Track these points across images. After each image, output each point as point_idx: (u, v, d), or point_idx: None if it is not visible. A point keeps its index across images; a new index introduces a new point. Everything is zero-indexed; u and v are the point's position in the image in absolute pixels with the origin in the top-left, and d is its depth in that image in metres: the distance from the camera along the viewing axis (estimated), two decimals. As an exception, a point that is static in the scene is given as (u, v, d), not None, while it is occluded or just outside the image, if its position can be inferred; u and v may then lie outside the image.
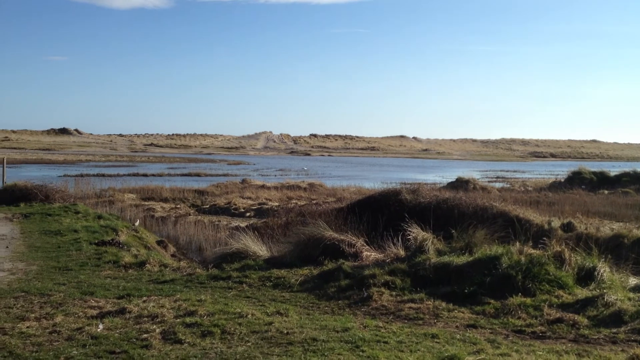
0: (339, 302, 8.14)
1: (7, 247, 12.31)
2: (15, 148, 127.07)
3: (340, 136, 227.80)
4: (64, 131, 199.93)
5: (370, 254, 10.50)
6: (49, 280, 9.05)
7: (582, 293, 8.07)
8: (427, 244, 9.95)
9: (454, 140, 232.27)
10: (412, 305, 7.82)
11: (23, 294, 8.07)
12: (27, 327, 6.45)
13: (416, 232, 10.61)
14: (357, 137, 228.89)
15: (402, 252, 10.33)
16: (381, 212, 15.89)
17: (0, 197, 20.70)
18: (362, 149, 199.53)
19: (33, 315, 6.93)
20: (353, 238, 10.98)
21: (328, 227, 11.46)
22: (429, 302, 7.86)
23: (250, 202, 29.46)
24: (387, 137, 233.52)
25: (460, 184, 34.59)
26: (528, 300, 7.72)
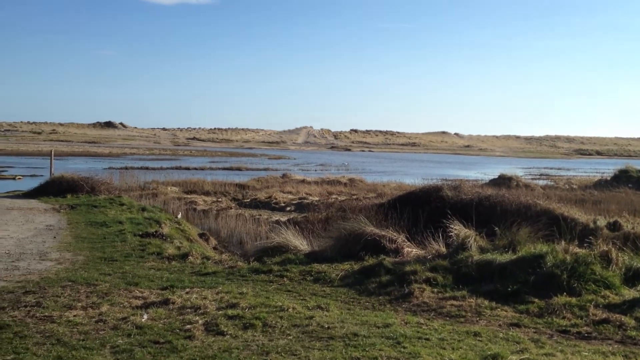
0: (380, 297, 8.12)
1: (55, 237, 12.62)
2: (62, 141, 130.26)
3: (381, 132, 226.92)
4: (109, 125, 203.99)
5: (411, 250, 10.44)
6: (95, 271, 9.24)
7: (629, 294, 7.87)
8: (469, 241, 9.83)
9: (496, 137, 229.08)
10: (454, 302, 7.74)
11: (70, 283, 8.26)
12: (74, 315, 6.60)
13: (458, 229, 10.50)
14: (398, 132, 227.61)
15: (443, 249, 10.23)
16: (422, 208, 15.76)
17: (48, 189, 21.24)
18: (402, 144, 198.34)
19: (80, 304, 7.09)
20: (394, 234, 10.93)
21: (368, 222, 11.43)
22: (471, 300, 7.76)
23: (290, 196, 29.57)
24: (429, 133, 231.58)
25: (502, 181, 34.07)
26: (573, 300, 7.56)
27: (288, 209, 26.62)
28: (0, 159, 58.33)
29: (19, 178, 37.57)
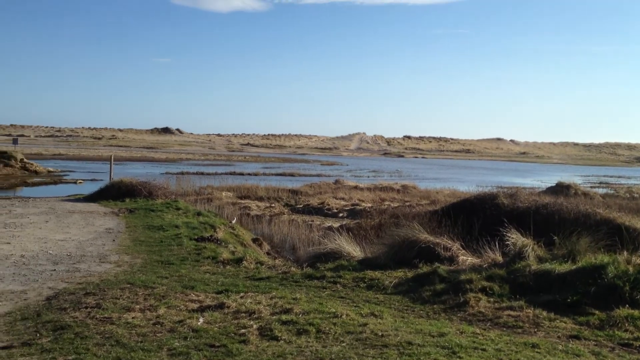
0: (434, 306, 8.01)
1: (114, 240, 12.94)
2: (121, 146, 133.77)
3: (434, 138, 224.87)
4: (166, 130, 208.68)
5: (466, 259, 10.28)
6: (152, 274, 9.43)
7: (696, 308, 7.55)
8: (526, 250, 9.61)
9: (553, 144, 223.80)
10: (511, 312, 7.57)
11: (128, 285, 8.45)
12: (133, 317, 6.74)
13: (515, 238, 10.27)
14: (452, 139, 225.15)
15: (499, 258, 10.04)
16: (476, 216, 15.52)
17: (107, 193, 21.79)
18: (456, 151, 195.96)
19: (138, 306, 7.24)
20: (448, 242, 10.78)
21: (422, 229, 11.31)
22: (529, 311, 7.58)
23: (343, 202, 29.56)
24: (483, 140, 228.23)
25: (560, 189, 33.21)
26: (636, 313, 7.29)
27: (340, 215, 26.62)
28: (62, 164, 60.26)
29: (80, 182, 38.69)
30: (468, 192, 32.01)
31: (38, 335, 6.11)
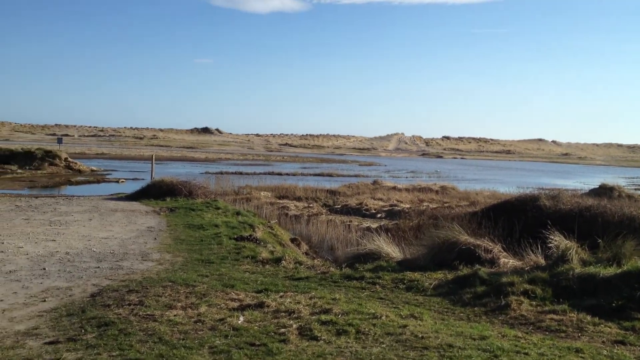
0: (475, 308, 7.92)
1: (155, 238, 13.14)
2: (162, 146, 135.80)
3: (473, 139, 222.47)
4: (206, 130, 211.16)
5: (507, 261, 10.14)
6: (193, 272, 9.54)
7: None
8: (570, 253, 9.43)
9: (597, 145, 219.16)
10: (554, 316, 7.44)
11: (170, 283, 8.57)
12: (175, 315, 6.84)
13: (558, 240, 10.09)
14: (492, 139, 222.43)
15: (541, 261, 9.87)
16: (517, 218, 15.28)
17: (148, 192, 22.13)
18: (496, 152, 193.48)
19: (179, 304, 7.34)
20: (489, 243, 10.65)
21: (463, 231, 11.20)
22: (572, 315, 7.44)
23: (381, 203, 29.47)
24: (524, 141, 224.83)
25: (603, 191, 32.43)
26: (684, 319, 7.10)
27: (379, 215, 26.54)
28: (105, 163, 61.46)
29: (122, 181, 39.41)
30: (508, 193, 31.55)
31: (83, 331, 6.25)
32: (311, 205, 28.87)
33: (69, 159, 47.12)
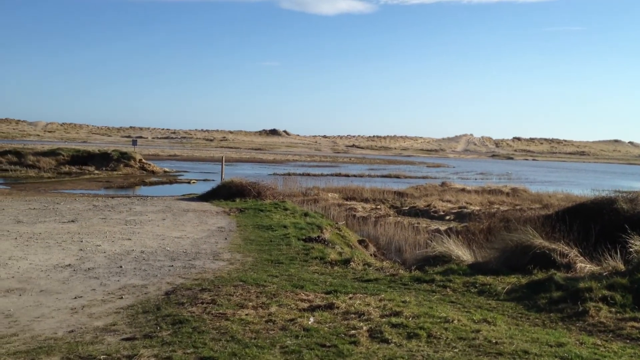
0: (551, 314, 7.67)
1: (226, 238, 13.37)
2: (231, 147, 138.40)
3: (546, 140, 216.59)
4: (274, 132, 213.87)
5: (584, 266, 9.78)
6: (263, 272, 9.65)
7: None
8: (652, 259, 9.00)
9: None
10: (635, 324, 7.11)
11: (241, 283, 8.68)
12: (246, 314, 6.92)
13: (639, 245, 9.66)
14: (565, 140, 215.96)
15: (621, 266, 9.46)
16: (593, 221, 14.72)
17: (219, 193, 22.58)
18: (570, 153, 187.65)
19: (251, 303, 7.43)
20: (565, 247, 10.30)
21: (536, 234, 10.88)
22: (656, 323, 7.09)
23: (450, 205, 29.05)
24: (599, 142, 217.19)
25: (687, 194, 30.94)
26: None
27: (447, 217, 26.16)
28: (177, 164, 63.06)
29: (194, 182, 40.31)
30: (583, 196, 30.56)
31: (158, 328, 6.41)
32: (378, 206, 28.74)
33: (143, 161, 48.59)
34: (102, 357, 5.49)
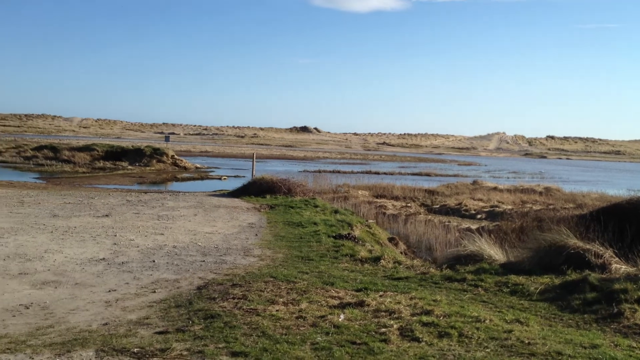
0: (585, 315, 7.55)
1: (256, 234, 13.44)
2: (262, 144, 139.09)
3: (580, 138, 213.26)
4: (304, 129, 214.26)
5: (620, 267, 9.60)
6: (294, 269, 9.68)
7: None
8: (690, 261, 8.81)
9: None
10: (672, 327, 6.97)
11: (272, 279, 8.72)
12: (277, 310, 6.95)
13: (676, 247, 9.45)
14: (600, 139, 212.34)
15: (657, 268, 9.28)
16: (629, 222, 14.45)
17: (249, 189, 22.70)
18: (605, 152, 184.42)
19: (281, 299, 7.45)
20: (600, 248, 10.13)
21: (571, 234, 10.71)
22: (694, 327, 6.93)
23: (481, 204, 28.80)
24: (635, 141, 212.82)
25: None
26: None
27: (479, 216, 25.95)
28: (209, 160, 63.65)
29: (225, 178, 40.65)
30: (619, 196, 30.02)
31: (190, 322, 6.48)
32: (409, 204, 28.63)
33: (175, 157, 49.16)
34: (135, 349, 5.57)
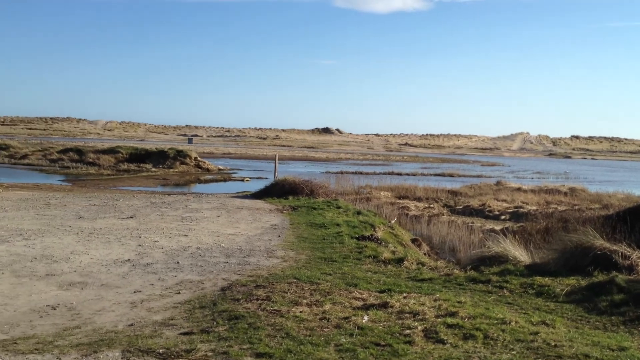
0: (612, 318, 7.45)
1: (279, 236, 13.47)
2: (284, 145, 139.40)
3: (605, 138, 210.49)
4: (326, 130, 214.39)
5: (648, 269, 9.45)
6: (317, 270, 9.68)
7: None
8: None
9: None
10: (703, 330, 6.84)
11: (295, 280, 8.74)
12: (300, 311, 6.96)
13: None
14: (626, 139, 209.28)
15: (686, 270, 9.12)
16: (656, 223, 14.23)
17: (272, 190, 22.75)
18: (631, 152, 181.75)
19: (305, 301, 7.46)
20: (627, 249, 9.98)
21: (597, 235, 10.57)
22: None
23: (505, 204, 28.54)
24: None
25: None
26: None
27: (502, 217, 25.72)
28: (231, 162, 63.93)
29: (247, 180, 40.79)
30: (646, 196, 29.56)
31: (215, 323, 6.51)
32: (432, 205, 28.47)
33: (199, 158, 49.46)
34: (161, 350, 5.61)
